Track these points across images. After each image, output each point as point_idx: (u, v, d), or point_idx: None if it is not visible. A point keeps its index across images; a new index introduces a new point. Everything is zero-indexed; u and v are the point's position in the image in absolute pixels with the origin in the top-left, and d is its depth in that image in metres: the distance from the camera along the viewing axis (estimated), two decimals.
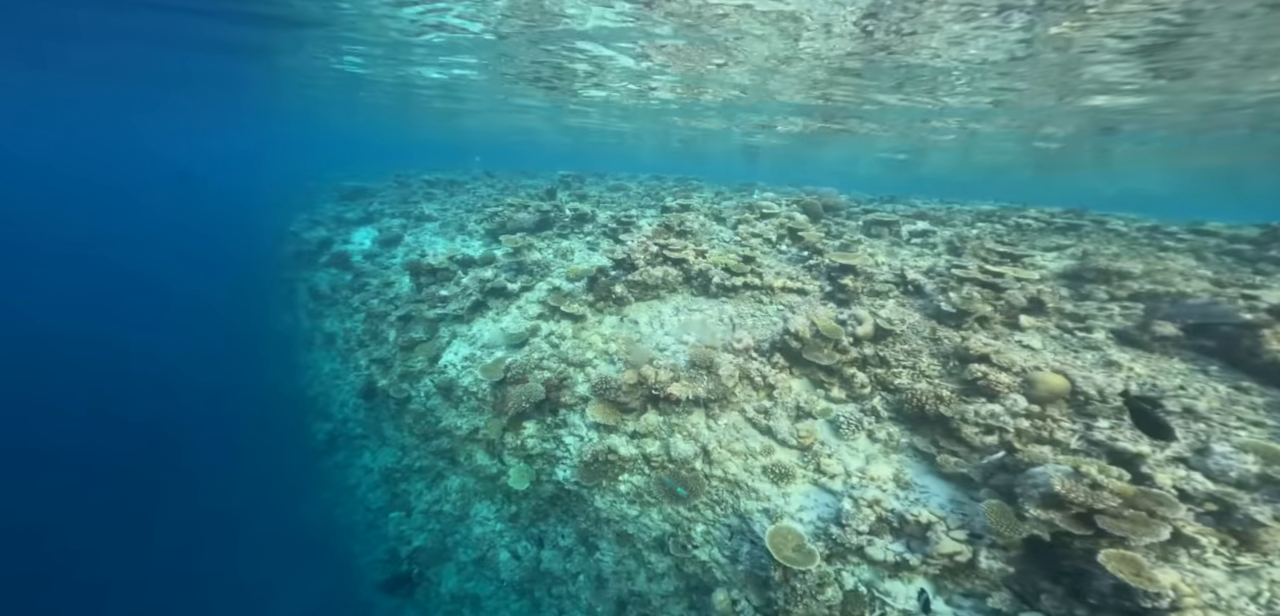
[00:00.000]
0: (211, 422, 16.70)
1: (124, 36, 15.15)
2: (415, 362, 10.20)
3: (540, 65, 13.67)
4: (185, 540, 13.36)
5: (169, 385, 18.90)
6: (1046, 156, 20.64)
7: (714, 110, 17.13)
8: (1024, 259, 6.83)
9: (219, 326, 21.50)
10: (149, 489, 14.61)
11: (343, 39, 13.11)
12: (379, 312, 11.71)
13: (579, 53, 11.78)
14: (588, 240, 11.98)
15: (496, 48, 12.50)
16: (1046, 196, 15.46)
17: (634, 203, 15.41)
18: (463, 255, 11.38)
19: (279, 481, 12.95)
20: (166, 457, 15.53)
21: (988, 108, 12.90)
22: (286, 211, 22.82)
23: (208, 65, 18.53)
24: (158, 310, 24.37)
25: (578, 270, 9.88)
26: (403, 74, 16.69)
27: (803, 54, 9.47)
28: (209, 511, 13.99)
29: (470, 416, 9.02)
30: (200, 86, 22.19)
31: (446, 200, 17.97)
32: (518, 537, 8.48)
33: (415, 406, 9.98)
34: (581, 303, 8.72)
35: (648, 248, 8.04)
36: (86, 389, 18.44)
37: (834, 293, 7.06)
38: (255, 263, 20.65)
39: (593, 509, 7.24)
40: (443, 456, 9.68)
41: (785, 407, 5.80)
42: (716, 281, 7.66)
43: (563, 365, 8.04)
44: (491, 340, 9.32)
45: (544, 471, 7.79)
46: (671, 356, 7.13)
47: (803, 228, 9.10)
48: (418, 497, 10.02)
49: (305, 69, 17.47)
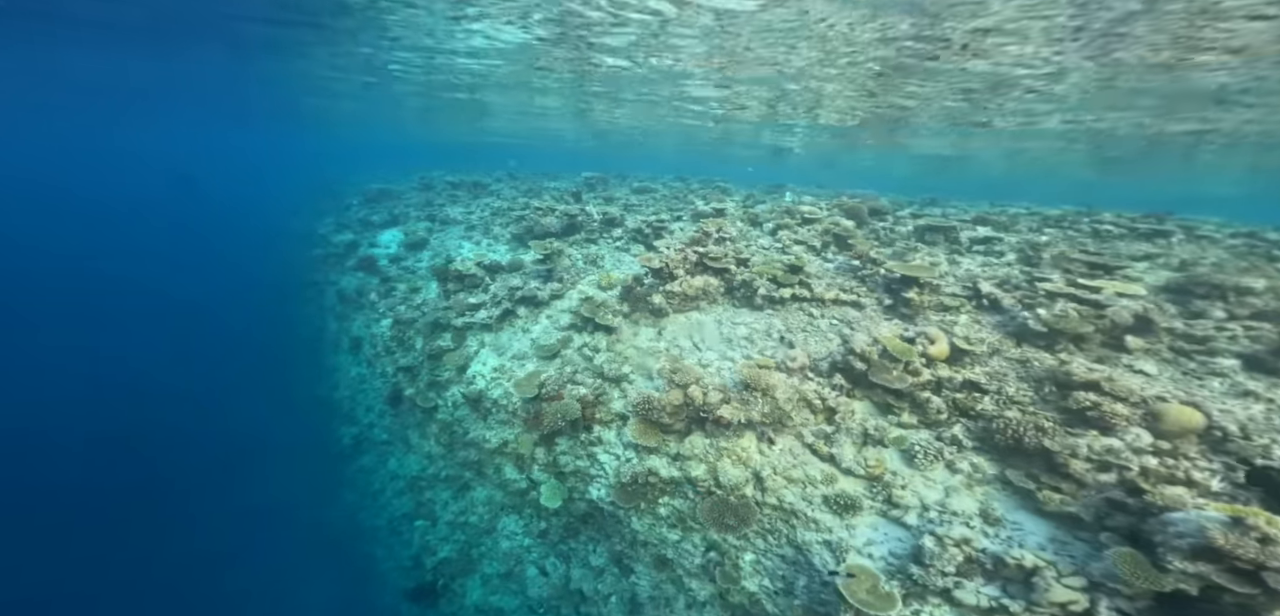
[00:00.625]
0: (238, 421, 16.95)
1: (143, 36, 15.28)
2: (443, 372, 9.95)
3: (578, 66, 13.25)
4: (211, 536, 13.38)
5: (197, 384, 19.25)
6: (1119, 157, 19.31)
7: (758, 109, 16.34)
8: (1117, 270, 6.15)
9: (247, 327, 21.82)
10: (174, 486, 14.83)
11: (375, 35, 12.93)
12: (406, 319, 11.52)
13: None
14: (617, 245, 11.58)
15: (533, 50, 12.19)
16: (1099, 198, 14.47)
17: (663, 206, 14.96)
18: (490, 260, 11.10)
19: (304, 482, 13.03)
20: (192, 456, 15.79)
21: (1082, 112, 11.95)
22: (314, 214, 23.07)
23: (231, 66, 18.72)
24: (188, 311, 24.90)
25: (610, 278, 9.48)
26: (433, 74, 16.47)
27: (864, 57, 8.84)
28: (234, 508, 14.13)
29: (499, 429, 8.72)
30: (221, 88, 22.49)
31: (470, 202, 17.81)
32: (547, 554, 8.17)
33: (442, 416, 9.74)
34: (616, 313, 8.31)
35: (686, 256, 7.59)
36: (113, 386, 18.86)
37: (895, 306, 6.49)
38: (284, 264, 20.84)
39: (629, 530, 6.86)
40: (469, 467, 9.43)
41: (849, 433, 5.29)
42: (762, 293, 7.16)
43: (598, 380, 7.65)
44: (521, 351, 9.00)
45: (577, 489, 7.44)
46: (716, 373, 6.68)
47: (849, 234, 8.51)
48: (443, 507, 9.82)
49: (332, 68, 17.48)
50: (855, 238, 8.50)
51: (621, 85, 15.08)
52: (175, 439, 16.71)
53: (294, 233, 22.13)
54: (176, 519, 14.10)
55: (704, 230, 8.35)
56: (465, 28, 11.05)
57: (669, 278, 7.65)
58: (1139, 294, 5.42)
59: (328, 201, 23.93)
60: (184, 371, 20.21)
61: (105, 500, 14.50)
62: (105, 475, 15.15)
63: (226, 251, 30.78)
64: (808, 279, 7.21)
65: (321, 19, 11.98)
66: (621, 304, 8.42)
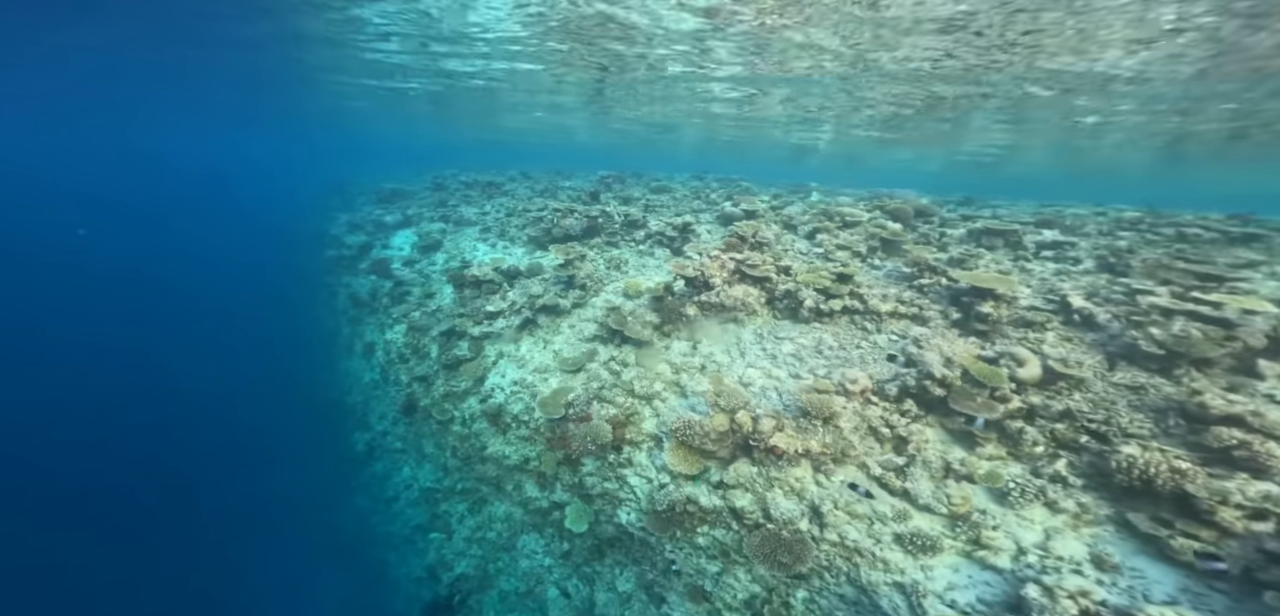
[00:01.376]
0: (248, 422, 16.80)
1: (153, 35, 15.00)
2: (459, 382, 9.46)
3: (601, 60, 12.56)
4: (221, 534, 13.21)
5: (205, 383, 19.13)
6: (1192, 154, 18.03)
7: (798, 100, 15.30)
8: (1224, 280, 5.41)
9: (258, 329, 21.69)
10: (182, 485, 14.66)
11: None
12: (421, 325, 11.04)
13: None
14: (640, 249, 10.98)
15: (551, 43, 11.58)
16: (1137, 194, 13.54)
17: (684, 206, 14.32)
18: (508, 265, 10.57)
19: (316, 485, 12.74)
20: (201, 455, 15.66)
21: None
22: (326, 214, 22.85)
23: (239, 64, 18.42)
24: (198, 311, 24.85)
25: (637, 285, 8.88)
26: (445, 67, 15.94)
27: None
28: (245, 507, 13.86)
29: (520, 446, 8.22)
30: (231, 87, 22.27)
31: (485, 203, 17.31)
32: (569, 575, 7.70)
33: (458, 428, 9.26)
34: (645, 324, 7.72)
35: (724, 263, 6.97)
36: (123, 386, 18.78)
37: (966, 321, 5.80)
38: (296, 266, 20.70)
39: (661, 558, 6.33)
40: (487, 482, 8.97)
41: (926, 466, 4.66)
42: (808, 304, 6.52)
43: (628, 398, 7.08)
44: (543, 364, 8.45)
45: (604, 512, 6.93)
46: (761, 394, 6.07)
47: (897, 238, 7.82)
48: (459, 521, 9.41)
49: (341, 64, 17.08)
50: (905, 241, 7.81)
51: (649, 82, 14.33)
52: (182, 438, 16.63)
53: (306, 233, 21.98)
54: (185, 517, 14.03)
55: (738, 234, 7.73)
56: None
57: (704, 286, 7.04)
58: (1268, 309, 4.69)
59: (339, 201, 23.73)
60: (193, 370, 20.14)
61: (114, 498, 14.44)
62: (116, 473, 15.10)
63: (238, 252, 30.79)
64: (859, 289, 6.55)
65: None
66: (651, 314, 7.82)
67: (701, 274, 6.95)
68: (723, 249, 7.20)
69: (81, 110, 30.94)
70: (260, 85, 21.57)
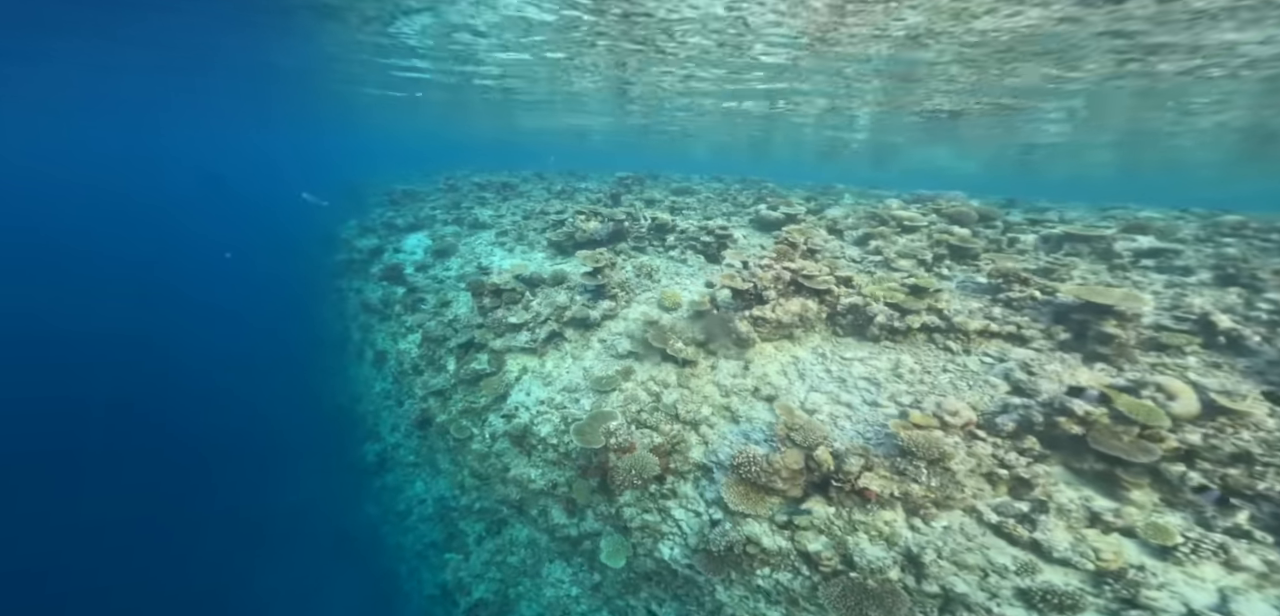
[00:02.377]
0: (255, 425, 16.32)
1: (161, 32, 14.54)
2: (479, 398, 8.79)
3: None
4: (227, 538, 12.78)
5: (212, 386, 18.72)
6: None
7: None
8: None
9: (266, 333, 21.28)
10: (190, 488, 14.11)
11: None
12: (436, 336, 10.38)
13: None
14: (672, 255, 10.26)
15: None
16: (1153, 195, 12.62)
17: (714, 209, 13.59)
18: (530, 273, 9.88)
19: (324, 492, 12.07)
20: (208, 455, 15.13)
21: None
22: (335, 216, 22.44)
23: (247, 61, 17.94)
24: (208, 312, 24.52)
25: (674, 297, 8.15)
26: (461, 65, 15.29)
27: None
28: (252, 511, 13.34)
29: (548, 470, 7.55)
30: (239, 88, 21.83)
31: (500, 205, 16.68)
32: (599, 608, 7.02)
33: (478, 446, 8.61)
34: (687, 341, 6.99)
35: (779, 274, 6.23)
36: (132, 387, 18.28)
37: (1079, 343, 5.01)
38: (306, 269, 20.36)
39: (710, 599, 5.62)
40: (509, 505, 8.31)
41: (1061, 513, 3.90)
42: (879, 321, 5.77)
43: (672, 424, 6.36)
44: (572, 383, 7.75)
45: (643, 545, 6.24)
46: (829, 422, 5.33)
47: (967, 244, 7.03)
48: (477, 542, 8.78)
49: (351, 61, 16.52)
50: (975, 248, 7.02)
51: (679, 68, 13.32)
52: (185, 437, 16.24)
53: (315, 236, 21.61)
54: (186, 519, 13.37)
55: (788, 240, 6.99)
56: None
57: (756, 299, 6.30)
58: None
59: (349, 203, 23.28)
60: (197, 371, 19.76)
61: (118, 495, 13.85)
62: (119, 470, 14.53)
63: (247, 254, 30.46)
64: (939, 304, 5.78)
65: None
66: (694, 329, 7.09)
67: (754, 286, 6.21)
68: (774, 257, 6.47)
69: (82, 110, 30.85)
70: (270, 86, 21.11)
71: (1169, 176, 24.07)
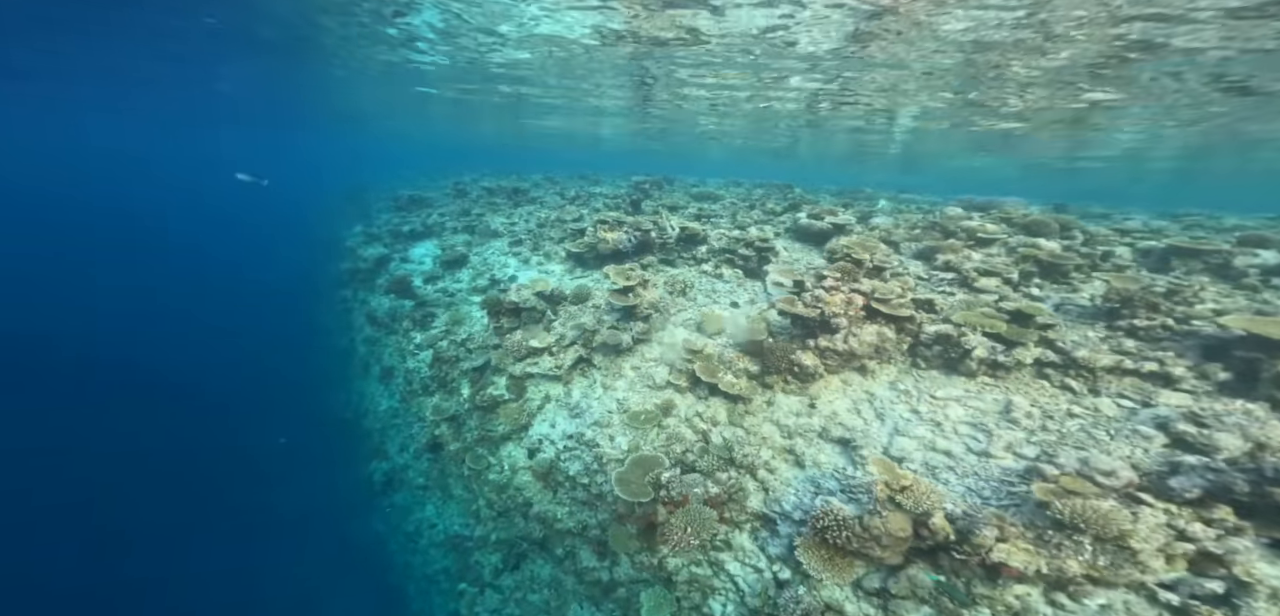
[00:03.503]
0: (258, 433, 15.57)
1: (163, 34, 13.85)
2: (496, 426, 7.98)
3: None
4: (230, 547, 12.42)
5: (214, 393, 18.14)
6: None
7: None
8: None
9: (266, 342, 20.67)
10: (194, 494, 13.68)
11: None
12: (448, 356, 9.57)
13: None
14: (705, 269, 9.40)
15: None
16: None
17: (744, 216, 12.72)
18: (551, 289, 9.05)
19: (328, 504, 11.55)
20: (208, 463, 14.65)
21: None
22: (339, 221, 21.84)
23: (252, 66, 17.23)
24: (207, 318, 23.95)
25: (717, 319, 7.31)
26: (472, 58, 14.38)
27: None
28: (255, 518, 12.97)
29: (578, 510, 6.76)
30: (243, 87, 21.15)
31: (512, 212, 15.87)
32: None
33: (495, 477, 7.81)
34: (737, 371, 6.15)
35: (851, 298, 5.38)
36: (137, 391, 17.79)
37: (1244, 385, 4.11)
38: (308, 277, 19.80)
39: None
40: (530, 541, 7.51)
41: (1275, 596, 3.03)
42: (979, 354, 4.90)
43: (725, 468, 5.52)
44: (604, 417, 6.92)
45: (689, 599, 5.43)
46: (925, 472, 4.49)
47: (1060, 261, 6.12)
48: (493, 575, 7.98)
49: (356, 60, 15.74)
50: (1067, 264, 6.14)
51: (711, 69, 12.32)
52: (184, 444, 15.66)
53: (319, 241, 21.07)
54: (186, 526, 12.93)
55: (851, 256, 6.14)
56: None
57: (822, 327, 5.45)
58: None
59: (354, 208, 22.63)
60: (197, 378, 19.18)
61: (120, 507, 13.38)
62: (122, 481, 14.03)
63: (246, 261, 29.89)
64: (1052, 335, 4.90)
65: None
66: (744, 358, 6.25)
67: (821, 312, 5.36)
68: (837, 277, 5.61)
69: (87, 114, 30.34)
70: (270, 86, 20.40)
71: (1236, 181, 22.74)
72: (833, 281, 5.47)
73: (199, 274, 29.55)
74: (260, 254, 30.70)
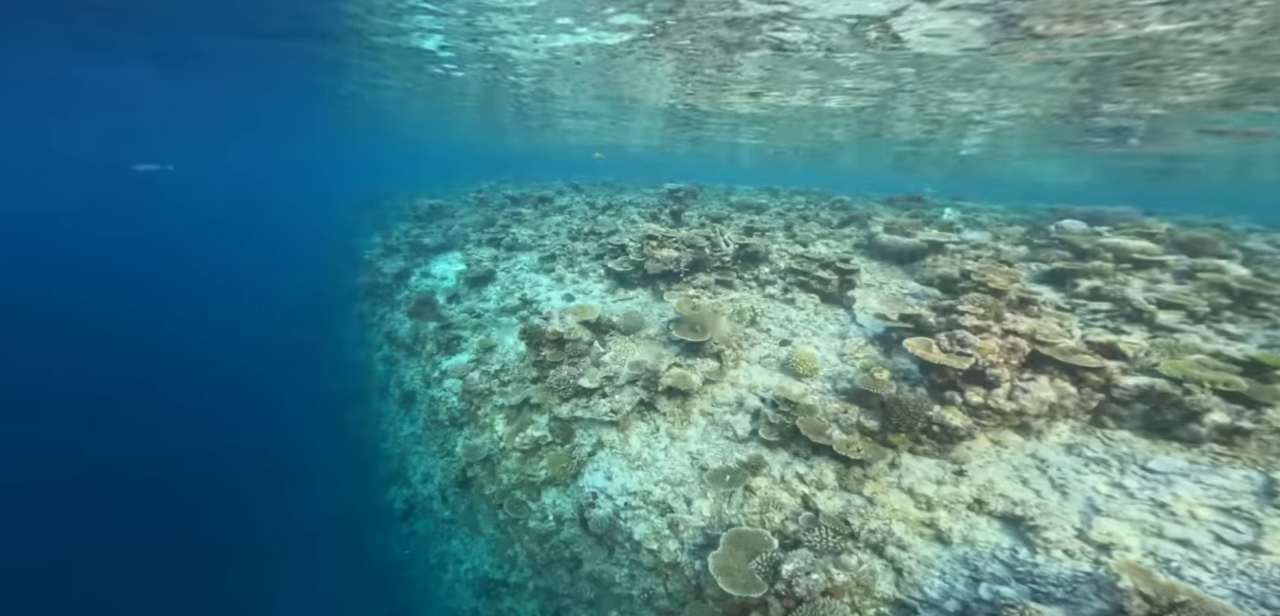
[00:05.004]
0: (271, 440, 14.94)
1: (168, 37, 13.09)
2: (538, 471, 6.95)
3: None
4: (242, 560, 11.97)
5: (221, 405, 17.38)
6: None
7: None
8: None
9: (282, 356, 19.90)
10: (199, 509, 13.12)
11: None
12: (480, 389, 8.53)
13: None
14: (770, 293, 8.27)
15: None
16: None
17: (804, 231, 11.57)
18: (598, 317, 7.96)
19: (345, 520, 11.08)
20: (231, 475, 13.99)
21: None
22: (356, 231, 21.19)
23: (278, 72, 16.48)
24: (222, 328, 23.33)
25: (808, 358, 6.18)
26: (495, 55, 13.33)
27: None
28: (270, 529, 12.47)
29: (644, 576, 5.69)
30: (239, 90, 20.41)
31: (540, 222, 14.88)
32: None
33: (536, 526, 6.78)
34: (850, 428, 5.01)
35: (1015, 346, 4.22)
36: (145, 402, 17.07)
37: None
38: (325, 290, 19.11)
39: None
40: (577, 599, 6.47)
41: None
42: (1214, 418, 3.73)
43: (845, 542, 4.39)
44: (675, 473, 5.82)
45: None
46: (1150, 563, 3.35)
47: (1256, 288, 4.90)
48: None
49: (376, 64, 14.90)
50: (1262, 292, 4.94)
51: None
52: (199, 458, 14.78)
53: (337, 251, 20.45)
54: (196, 542, 12.38)
55: (990, 286, 5.00)
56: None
57: (976, 379, 4.32)
58: None
59: (370, 217, 21.95)
60: (209, 391, 18.49)
61: (126, 520, 12.76)
62: (130, 493, 13.43)
63: (257, 274, 29.32)
64: None
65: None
66: (852, 409, 5.11)
67: (975, 360, 4.22)
68: (983, 314, 4.48)
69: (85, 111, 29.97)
70: (273, 89, 19.63)
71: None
72: (976, 319, 4.34)
73: (210, 284, 29.06)
74: (274, 266, 30.12)
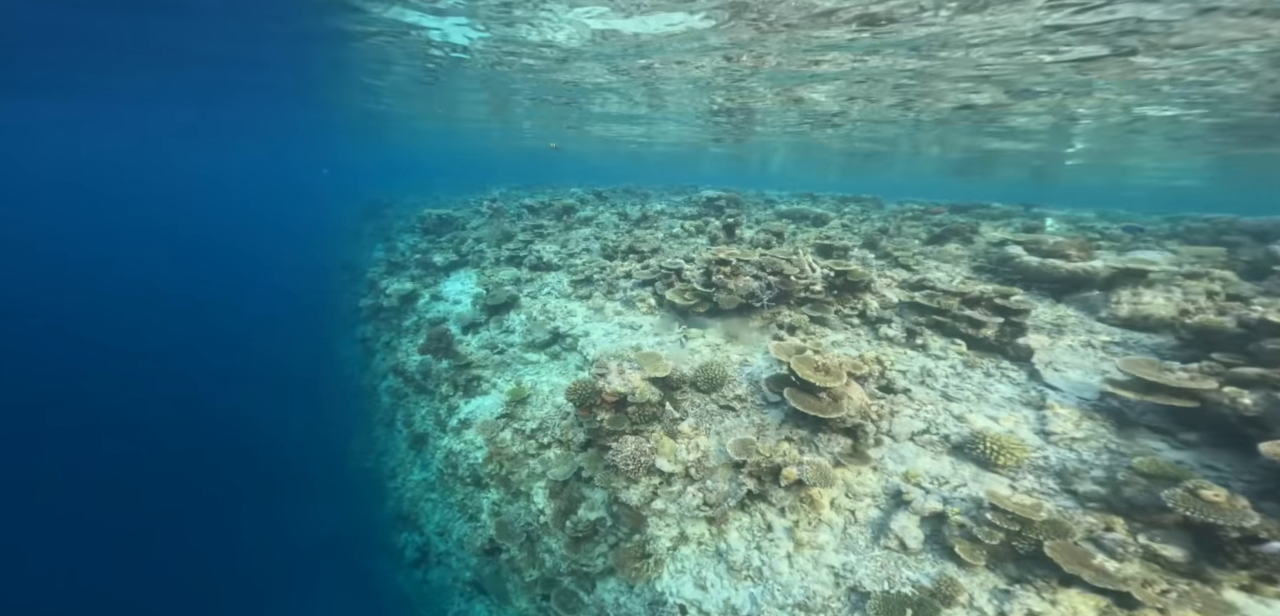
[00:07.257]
0: (272, 462, 14.26)
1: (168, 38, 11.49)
2: (595, 561, 5.35)
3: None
4: (242, 577, 11.50)
5: (225, 435, 16.02)
6: None
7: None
8: None
9: (279, 381, 18.44)
10: (205, 543, 12.33)
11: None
12: (514, 454, 6.84)
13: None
14: (888, 334, 6.58)
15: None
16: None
17: (896, 249, 9.89)
18: (668, 372, 6.19)
19: (346, 551, 10.57)
20: (215, 501, 13.38)
21: None
22: (356, 243, 19.75)
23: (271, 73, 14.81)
24: (213, 350, 21.92)
25: (1010, 444, 4.48)
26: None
27: None
28: (272, 548, 11.97)
29: None
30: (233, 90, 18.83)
31: (565, 235, 13.18)
32: None
33: None
34: (1130, 557, 3.33)
35: None
36: (144, 424, 16.20)
37: None
38: (321, 312, 17.73)
39: None
40: None
41: None
42: None
43: None
44: (810, 595, 4.11)
45: None
46: None
47: None
48: None
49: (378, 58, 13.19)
50: None
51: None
52: (187, 480, 14.08)
53: (337, 265, 19.05)
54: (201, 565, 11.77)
55: None
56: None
57: None
58: None
59: (372, 227, 20.42)
60: (201, 414, 17.20)
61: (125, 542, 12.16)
62: (124, 515, 12.77)
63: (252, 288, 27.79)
64: None
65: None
66: (1115, 524, 3.43)
67: None
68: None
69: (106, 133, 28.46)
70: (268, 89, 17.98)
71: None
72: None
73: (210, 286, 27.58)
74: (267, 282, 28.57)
